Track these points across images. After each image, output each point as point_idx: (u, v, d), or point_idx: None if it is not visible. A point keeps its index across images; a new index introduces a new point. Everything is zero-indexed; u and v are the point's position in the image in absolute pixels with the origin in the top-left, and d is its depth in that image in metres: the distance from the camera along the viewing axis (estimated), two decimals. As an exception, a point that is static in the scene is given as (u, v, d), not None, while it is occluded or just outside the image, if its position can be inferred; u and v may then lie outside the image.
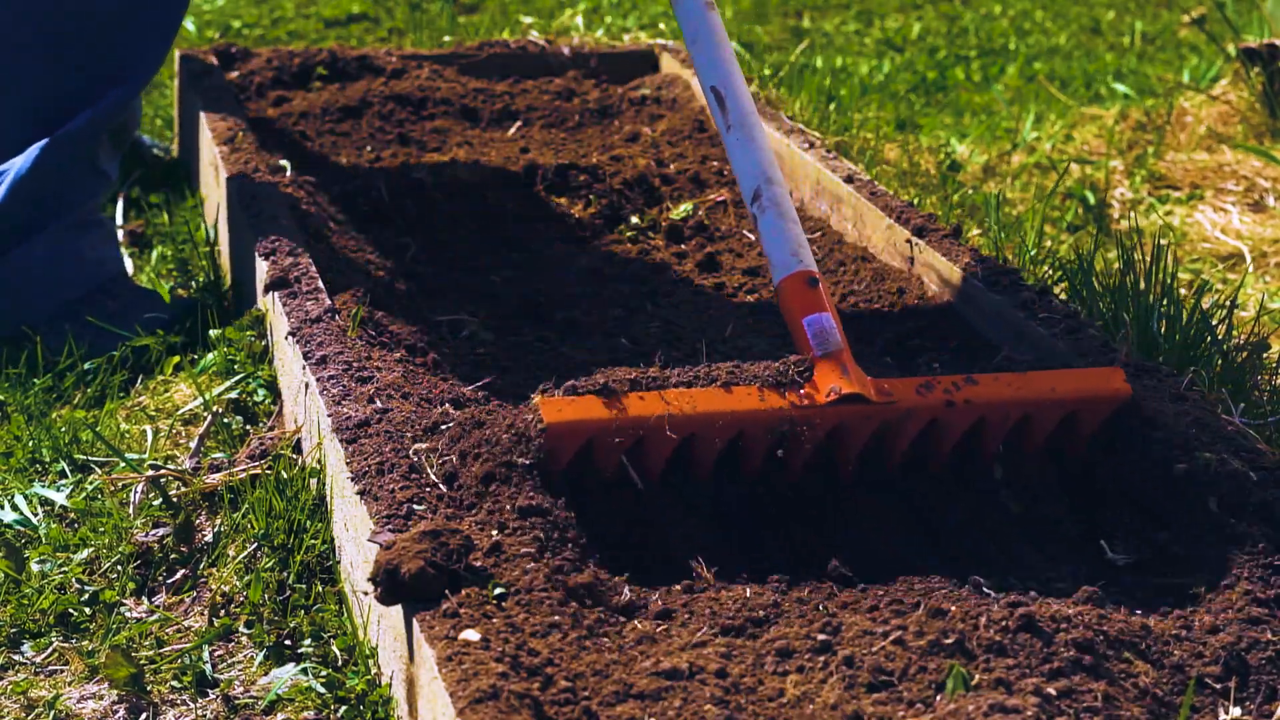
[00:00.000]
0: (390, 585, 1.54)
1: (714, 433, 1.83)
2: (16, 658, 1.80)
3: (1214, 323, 2.30)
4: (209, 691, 1.71)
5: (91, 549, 1.95)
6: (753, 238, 2.80)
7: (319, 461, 1.93)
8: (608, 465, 1.80)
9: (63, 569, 1.91)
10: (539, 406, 1.76)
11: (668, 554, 1.75)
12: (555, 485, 1.75)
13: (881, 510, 1.87)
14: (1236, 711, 1.52)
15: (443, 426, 1.84)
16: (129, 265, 2.74)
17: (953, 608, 1.54)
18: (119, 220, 3.04)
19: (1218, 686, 1.55)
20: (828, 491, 1.88)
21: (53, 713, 1.69)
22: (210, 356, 2.33)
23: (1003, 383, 1.92)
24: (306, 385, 2.01)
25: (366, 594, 1.65)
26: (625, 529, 1.78)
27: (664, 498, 1.82)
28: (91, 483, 2.08)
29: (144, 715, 1.69)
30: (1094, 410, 1.94)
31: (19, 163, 2.50)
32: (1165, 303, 2.30)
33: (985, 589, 1.69)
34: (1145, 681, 1.51)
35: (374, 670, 1.67)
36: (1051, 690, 1.44)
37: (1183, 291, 2.63)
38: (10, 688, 1.74)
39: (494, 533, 1.65)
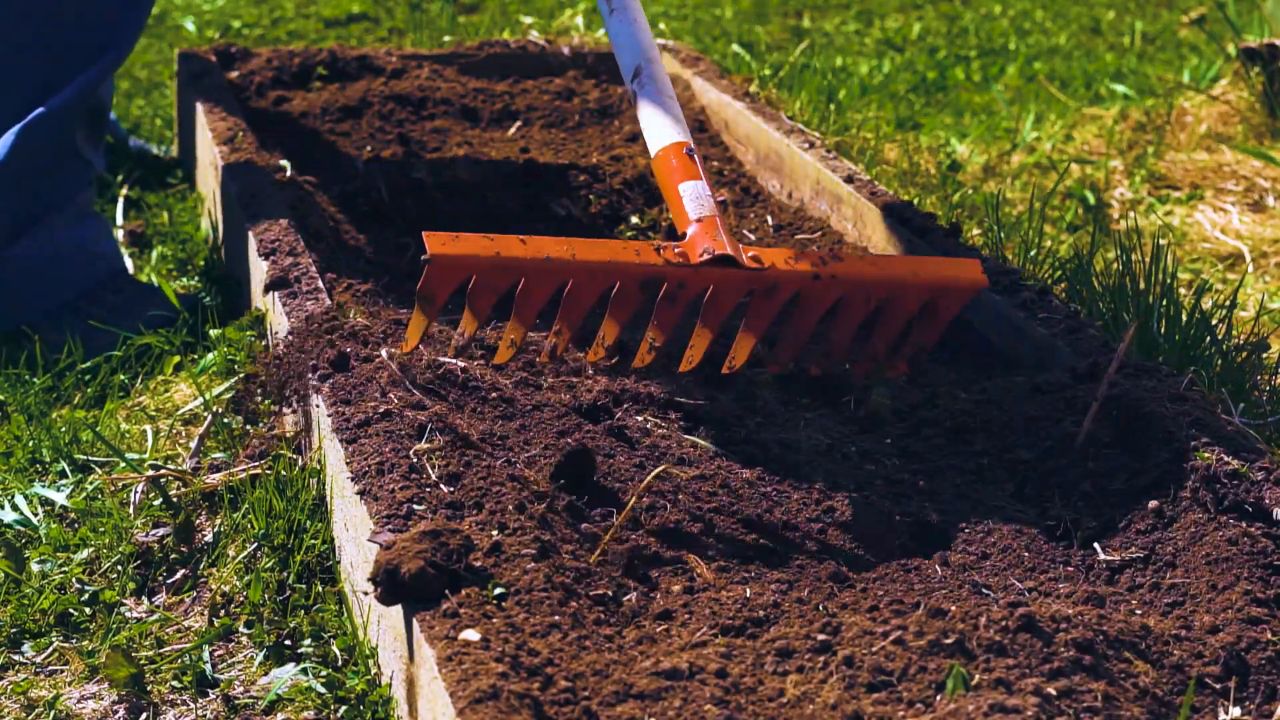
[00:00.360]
0: (390, 585, 1.54)
1: (590, 280, 1.91)
2: (17, 657, 1.80)
3: (1214, 323, 2.30)
4: (209, 691, 1.71)
5: (91, 549, 1.95)
6: (753, 237, 2.80)
7: (319, 461, 1.93)
8: (483, 307, 1.90)
9: (63, 569, 1.91)
10: (425, 237, 1.84)
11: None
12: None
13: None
14: (1236, 711, 1.52)
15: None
16: (129, 264, 2.74)
17: (953, 608, 1.54)
18: (119, 220, 3.04)
19: (1217, 686, 1.55)
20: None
21: (53, 712, 1.69)
22: (210, 356, 2.33)
23: (867, 262, 2.02)
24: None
25: (366, 594, 1.65)
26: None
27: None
28: (92, 483, 2.08)
29: (144, 715, 1.69)
30: (953, 297, 2.04)
31: None
32: (1165, 303, 2.30)
33: (983, 589, 1.69)
34: (1145, 681, 1.51)
35: (374, 670, 1.67)
36: (1051, 690, 1.44)
37: (1182, 291, 2.63)
38: (10, 687, 1.74)
39: (494, 533, 1.65)
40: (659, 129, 2.07)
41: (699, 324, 2.00)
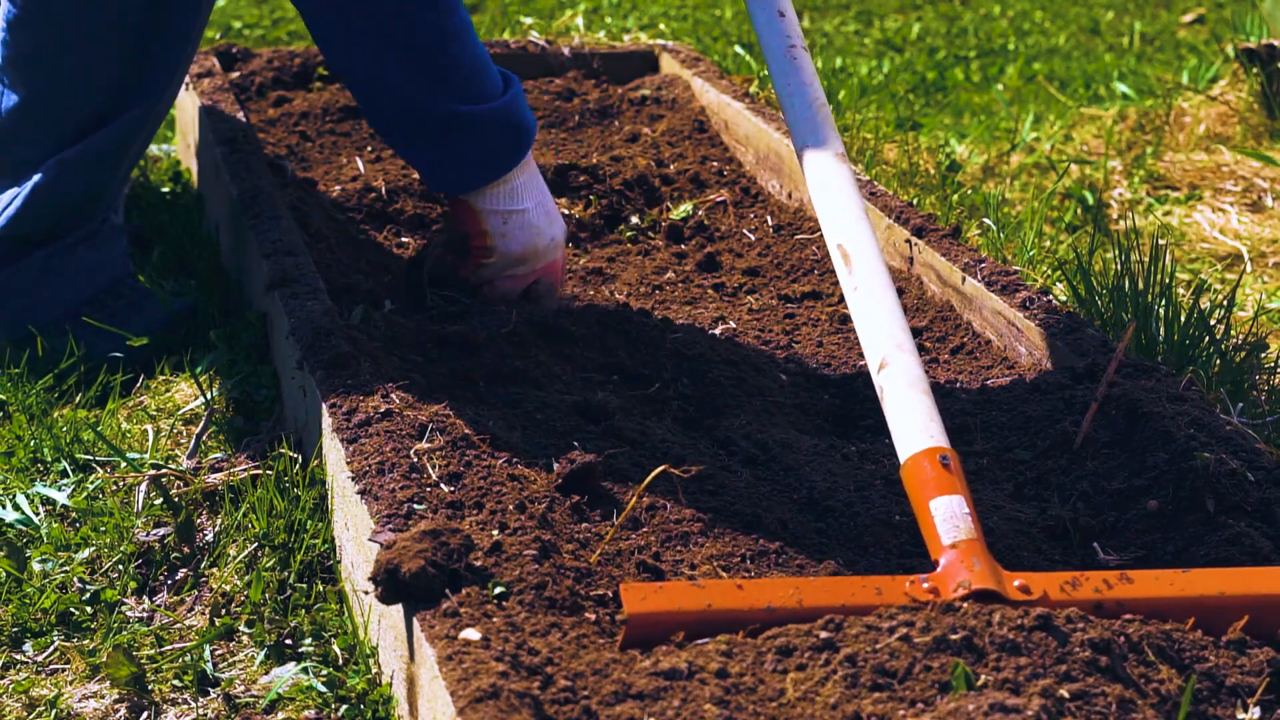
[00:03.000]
0: (391, 584, 1.54)
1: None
2: (18, 657, 1.80)
3: (1212, 322, 2.30)
4: (210, 690, 1.71)
5: (93, 548, 1.95)
6: (753, 237, 2.81)
7: (319, 461, 1.93)
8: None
9: (64, 568, 1.92)
10: (622, 592, 1.54)
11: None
12: None
13: None
14: (1257, 713, 1.49)
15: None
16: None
17: (965, 604, 1.52)
18: (119, 220, 3.04)
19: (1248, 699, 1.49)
20: None
21: (54, 712, 1.70)
22: (211, 356, 2.33)
23: (1164, 581, 1.62)
24: (305, 387, 2.02)
25: (367, 593, 1.65)
26: None
27: None
28: (93, 482, 2.09)
29: (145, 714, 1.69)
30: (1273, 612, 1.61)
31: (35, 178, 2.46)
32: (1163, 303, 2.30)
33: None
34: (1169, 688, 1.47)
35: (374, 669, 1.67)
36: (1064, 692, 1.42)
37: (1181, 292, 2.63)
38: (12, 687, 1.74)
39: (495, 532, 1.66)
40: (910, 430, 1.72)
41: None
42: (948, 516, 1.64)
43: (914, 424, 1.71)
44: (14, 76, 2.41)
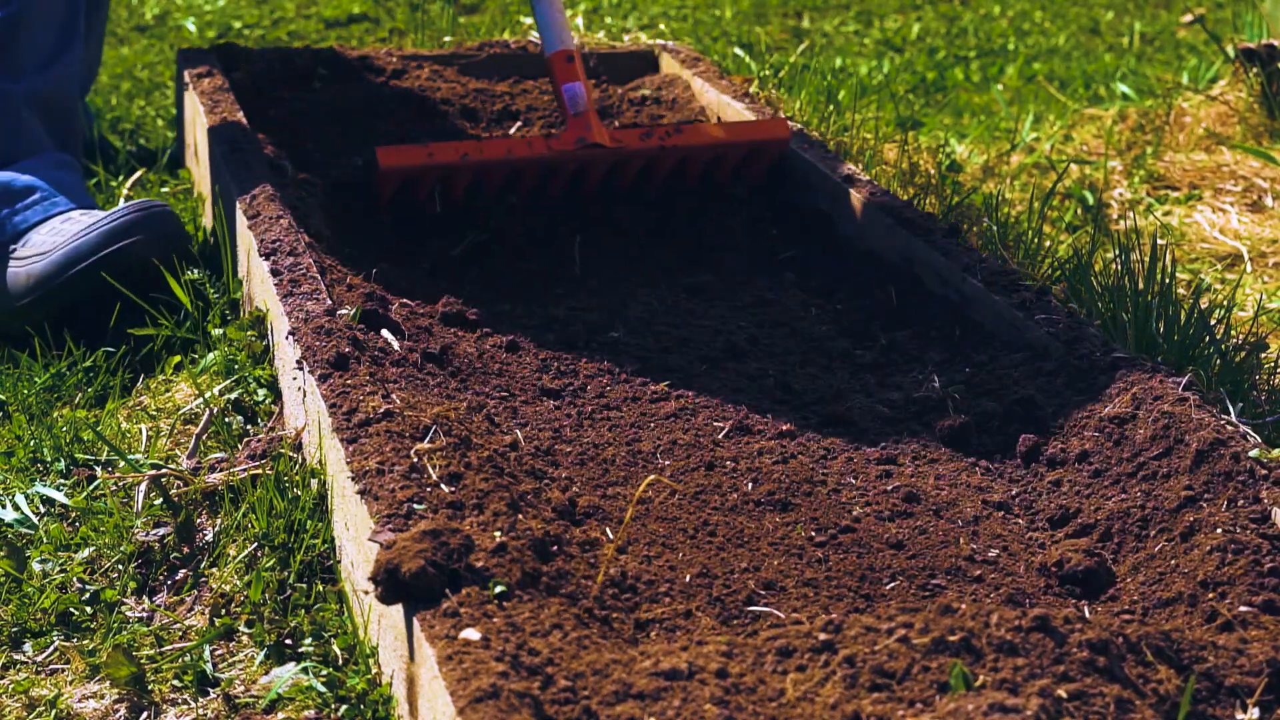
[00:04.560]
0: (391, 584, 1.54)
1: (496, 169, 2.67)
2: (18, 657, 1.80)
3: (1212, 322, 2.30)
4: (210, 691, 1.72)
5: (92, 548, 1.95)
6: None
7: (319, 461, 1.93)
8: (426, 191, 2.68)
9: (64, 568, 1.92)
10: (375, 151, 2.61)
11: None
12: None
13: (615, 216, 2.78)
14: (1255, 713, 1.49)
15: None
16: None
17: (963, 605, 1.52)
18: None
19: (1248, 699, 1.50)
20: (574, 207, 2.76)
21: (54, 712, 1.70)
22: (211, 356, 2.33)
23: (701, 132, 2.76)
24: (305, 387, 2.02)
25: (367, 593, 1.65)
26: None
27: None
28: (92, 482, 2.09)
29: (145, 714, 1.70)
30: (767, 149, 2.81)
31: None
32: (1163, 303, 2.30)
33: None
34: (1168, 688, 1.48)
35: (374, 669, 1.67)
36: (1061, 692, 1.42)
37: (1181, 291, 2.63)
38: (11, 687, 1.74)
39: (495, 533, 1.66)
40: (550, 38, 2.71)
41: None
42: (572, 97, 2.68)
43: (553, 31, 2.72)
44: None
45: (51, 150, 2.64)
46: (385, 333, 2.19)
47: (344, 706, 1.64)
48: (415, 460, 1.77)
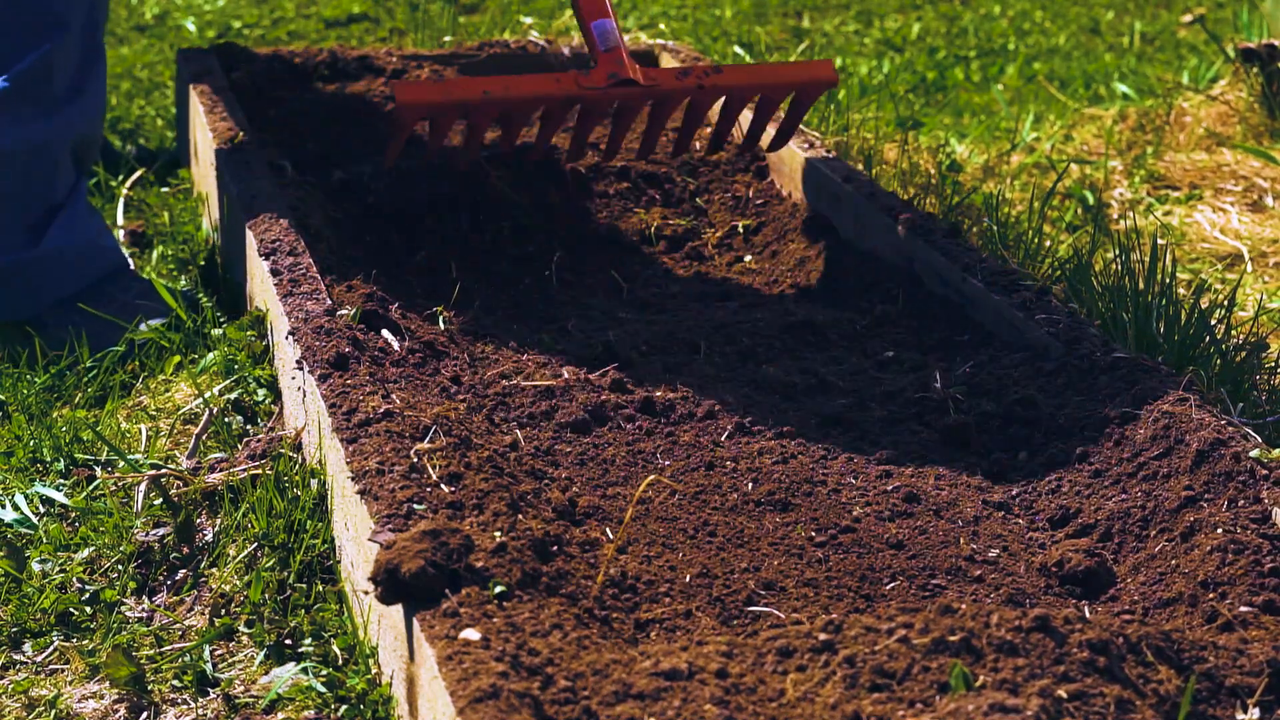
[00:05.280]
0: (391, 585, 1.54)
1: (524, 106, 2.50)
2: (17, 657, 1.80)
3: (1212, 322, 2.30)
4: (209, 691, 1.71)
5: (92, 548, 1.95)
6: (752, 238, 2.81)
7: (319, 461, 1.93)
8: (443, 133, 2.52)
9: (63, 568, 1.92)
10: (394, 87, 2.42)
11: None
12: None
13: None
14: (1256, 714, 1.49)
15: None
16: (129, 261, 2.74)
17: (963, 605, 1.52)
18: (119, 220, 3.04)
19: (1249, 699, 1.50)
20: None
21: (54, 712, 1.70)
22: (211, 356, 2.33)
23: (742, 71, 2.62)
24: (305, 387, 2.02)
25: (367, 593, 1.65)
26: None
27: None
28: (92, 482, 2.09)
29: (145, 714, 1.69)
30: (812, 90, 2.61)
31: None
32: (1164, 302, 2.30)
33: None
34: (1168, 689, 1.47)
35: (374, 669, 1.67)
36: (1062, 693, 1.42)
37: (1181, 291, 2.63)
38: (11, 687, 1.74)
39: (495, 533, 1.66)
40: None
41: (612, 129, 2.65)
42: (602, 33, 2.50)
43: None
44: None
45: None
46: (385, 333, 2.19)
47: (344, 707, 1.64)
48: (415, 460, 1.77)
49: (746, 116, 2.87)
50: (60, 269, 2.52)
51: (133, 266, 2.71)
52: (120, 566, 1.92)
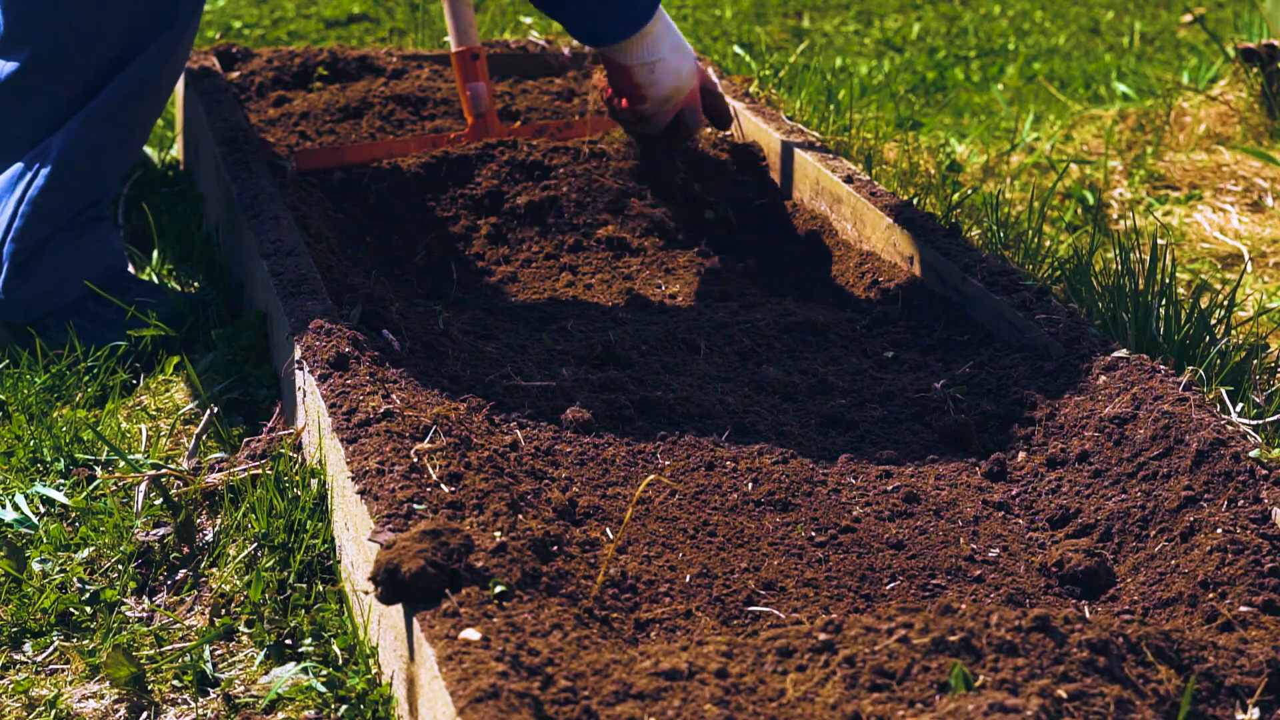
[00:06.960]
0: (391, 584, 1.54)
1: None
2: (18, 657, 1.80)
3: (1212, 322, 2.30)
4: (210, 691, 1.72)
5: (92, 548, 1.95)
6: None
7: (319, 461, 1.93)
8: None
9: (63, 568, 1.92)
10: (295, 154, 2.80)
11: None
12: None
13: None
14: (1255, 714, 1.49)
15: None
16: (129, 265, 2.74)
17: (963, 605, 1.52)
18: (119, 220, 3.04)
19: (1249, 699, 1.50)
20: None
21: (54, 712, 1.70)
22: (211, 356, 2.33)
23: (590, 126, 2.96)
24: (305, 387, 2.02)
25: (367, 593, 1.65)
26: None
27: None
28: (92, 482, 2.09)
29: (145, 714, 1.70)
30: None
31: (57, 140, 2.46)
32: (1164, 303, 2.30)
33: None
34: (1168, 689, 1.47)
35: (374, 669, 1.67)
36: (1061, 693, 1.42)
37: (1181, 291, 2.63)
38: (11, 687, 1.74)
39: (496, 534, 1.66)
40: (457, 35, 2.85)
41: None
42: (475, 96, 2.87)
43: (460, 29, 2.84)
44: (10, 43, 2.41)
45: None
46: (385, 333, 2.19)
47: (344, 707, 1.64)
48: (415, 460, 1.77)
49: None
50: (66, 273, 2.52)
51: (131, 270, 2.71)
52: (120, 566, 1.93)
